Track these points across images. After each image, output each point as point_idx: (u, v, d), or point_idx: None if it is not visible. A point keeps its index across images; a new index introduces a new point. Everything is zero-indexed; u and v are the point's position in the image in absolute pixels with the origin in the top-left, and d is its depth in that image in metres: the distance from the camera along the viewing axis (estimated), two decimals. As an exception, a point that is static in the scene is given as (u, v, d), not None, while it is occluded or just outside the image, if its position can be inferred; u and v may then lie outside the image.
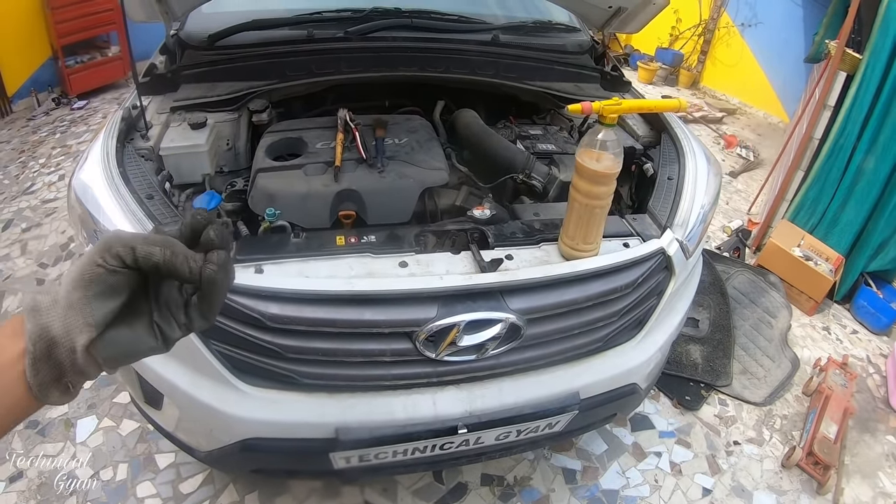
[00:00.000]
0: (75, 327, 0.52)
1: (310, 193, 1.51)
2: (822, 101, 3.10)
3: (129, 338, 0.56)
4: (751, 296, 3.08)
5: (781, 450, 2.34)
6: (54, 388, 0.53)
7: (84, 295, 0.52)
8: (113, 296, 0.54)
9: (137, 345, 0.56)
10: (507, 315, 1.28)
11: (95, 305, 0.52)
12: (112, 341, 0.54)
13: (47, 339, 0.52)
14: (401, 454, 1.42)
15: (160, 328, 0.57)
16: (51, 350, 0.52)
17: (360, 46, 2.04)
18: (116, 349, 0.55)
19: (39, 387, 0.52)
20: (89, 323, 0.52)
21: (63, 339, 0.52)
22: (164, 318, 0.57)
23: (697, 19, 6.07)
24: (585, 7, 2.14)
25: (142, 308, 0.57)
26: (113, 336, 0.54)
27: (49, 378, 0.53)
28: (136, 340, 0.56)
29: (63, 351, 0.52)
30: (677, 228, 1.55)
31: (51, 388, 0.53)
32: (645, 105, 1.43)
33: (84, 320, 0.52)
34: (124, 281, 0.54)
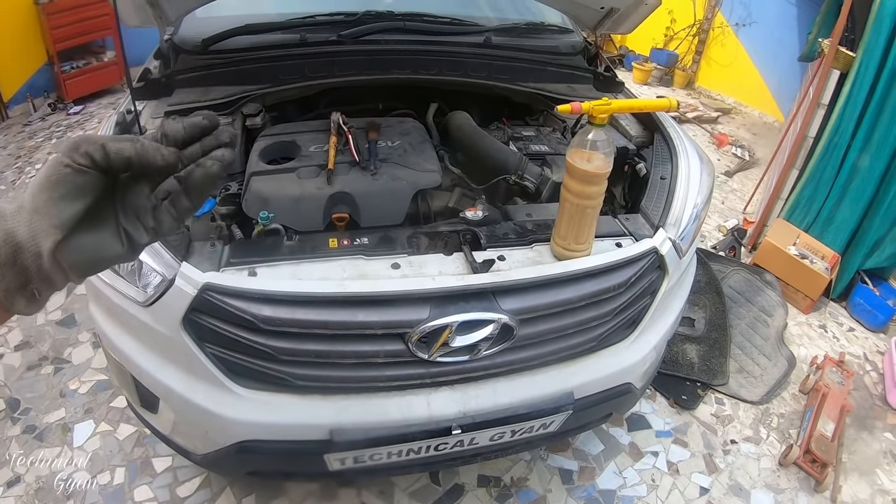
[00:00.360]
0: (41, 231, 0.51)
1: (303, 196, 1.52)
2: (816, 100, 3.12)
3: (94, 242, 0.54)
4: (747, 294, 3.08)
5: (779, 448, 2.35)
6: (20, 295, 0.53)
7: (50, 196, 0.51)
8: (79, 197, 0.52)
9: (103, 250, 0.55)
10: (500, 315, 1.29)
11: (61, 207, 0.51)
12: (78, 246, 0.53)
13: (12, 244, 0.51)
14: (395, 455, 1.43)
15: (127, 233, 0.56)
16: (16, 255, 0.51)
17: (352, 50, 2.05)
18: (82, 254, 0.53)
19: (5, 293, 0.51)
20: (55, 224, 0.51)
21: (28, 243, 0.51)
22: (131, 222, 0.56)
23: (692, 19, 6.09)
24: (577, 8, 2.15)
25: (108, 213, 0.56)
26: (79, 241, 0.53)
27: (15, 284, 0.52)
28: (101, 245, 0.55)
29: (28, 256, 0.51)
30: (670, 228, 1.55)
31: (16, 296, 0.52)
32: (635, 105, 1.44)
33: (49, 223, 0.51)
34: (92, 182, 0.52)
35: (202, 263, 1.28)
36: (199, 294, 1.23)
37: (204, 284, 1.23)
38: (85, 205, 0.52)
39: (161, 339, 1.34)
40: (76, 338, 2.60)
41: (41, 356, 2.50)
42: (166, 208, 0.57)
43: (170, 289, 1.26)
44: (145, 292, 1.30)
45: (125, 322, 1.43)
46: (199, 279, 1.23)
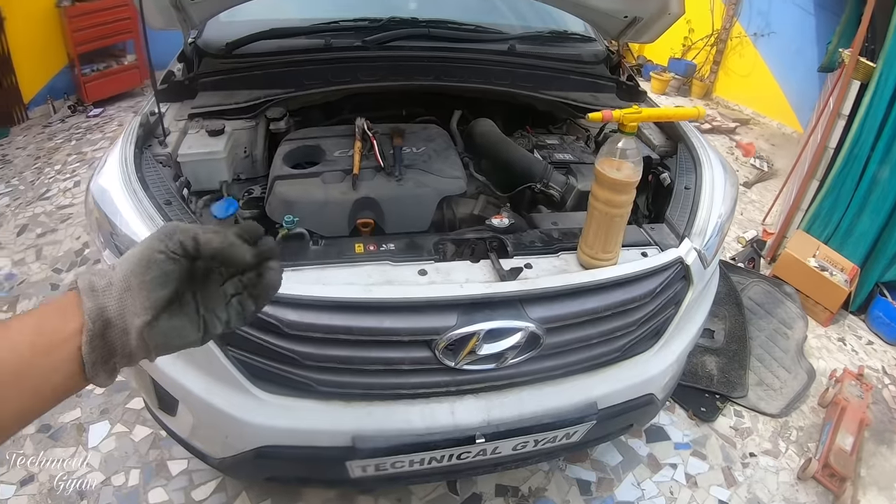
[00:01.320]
0: (130, 310, 0.54)
1: (328, 201, 1.51)
2: (837, 111, 3.09)
3: (177, 327, 0.57)
4: (766, 307, 3.05)
5: (797, 462, 2.31)
6: (102, 368, 0.54)
7: (142, 280, 0.54)
8: (168, 283, 0.55)
9: (184, 335, 0.58)
10: (527, 324, 1.28)
11: (152, 289, 0.54)
12: (163, 328, 0.56)
13: (103, 320, 0.53)
14: (417, 463, 1.42)
15: (205, 322, 0.59)
16: (105, 330, 0.53)
17: (377, 55, 2.05)
18: (165, 337, 0.56)
19: (91, 365, 0.53)
20: (146, 307, 0.54)
21: (117, 320, 0.54)
22: (209, 312, 0.60)
23: (710, 29, 6.06)
24: (601, 17, 2.15)
25: (188, 300, 0.58)
26: (164, 324, 0.56)
27: (101, 357, 0.54)
28: (183, 330, 0.58)
29: (116, 332, 0.54)
30: (695, 238, 1.54)
31: (100, 368, 0.54)
32: (664, 113, 1.43)
33: (141, 304, 0.54)
34: (180, 270, 0.56)
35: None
36: (224, 297, 1.23)
37: (228, 287, 1.22)
38: (172, 291, 0.56)
39: (182, 342, 1.34)
40: (94, 339, 2.60)
41: (58, 356, 2.50)
42: (235, 306, 0.61)
43: (194, 292, 1.26)
44: (169, 294, 1.30)
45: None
46: (223, 282, 1.23)
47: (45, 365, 0.52)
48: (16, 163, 4.25)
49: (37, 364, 0.51)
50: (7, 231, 3.43)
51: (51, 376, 0.52)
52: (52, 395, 0.54)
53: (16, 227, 3.46)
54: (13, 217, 3.57)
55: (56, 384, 0.53)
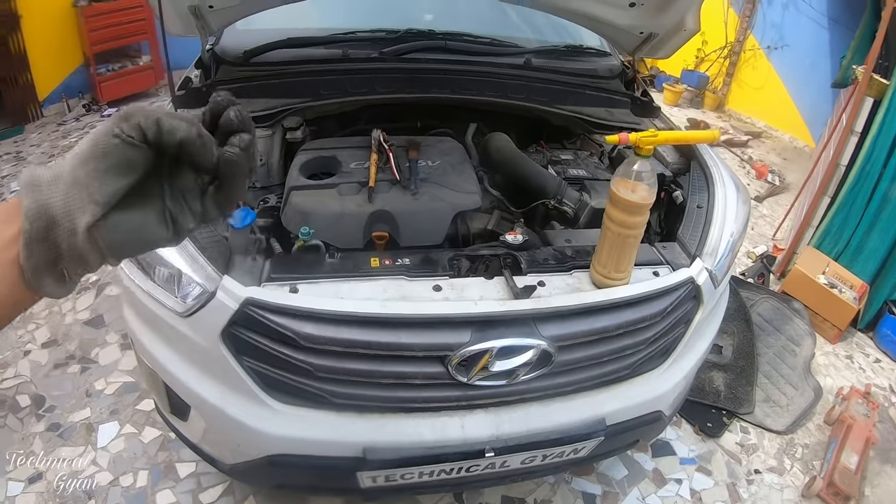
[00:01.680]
0: (78, 205, 0.46)
1: (344, 213, 1.53)
2: (849, 127, 3.08)
3: (137, 223, 0.49)
4: (775, 323, 3.05)
5: (802, 479, 2.31)
6: (48, 273, 0.48)
7: (94, 168, 0.46)
8: (125, 173, 0.47)
9: (146, 232, 0.50)
10: (540, 342, 1.29)
11: (105, 181, 0.46)
12: (118, 225, 0.48)
13: (46, 218, 0.46)
14: (426, 475, 1.43)
15: (172, 216, 0.51)
16: (49, 230, 0.47)
17: (394, 67, 2.07)
18: (123, 234, 0.48)
19: (32, 271, 0.47)
20: (95, 200, 0.46)
21: (63, 217, 0.46)
22: (178, 204, 0.52)
23: (723, 41, 6.05)
24: (617, 32, 2.16)
25: (153, 192, 0.50)
26: (119, 219, 0.48)
27: (43, 261, 0.47)
28: (144, 226, 0.50)
29: (62, 231, 0.47)
30: (707, 257, 1.55)
31: (44, 274, 0.48)
32: (680, 136, 1.43)
33: (90, 197, 0.46)
34: (140, 158, 0.47)
35: (243, 277, 1.29)
36: (241, 308, 1.24)
37: (246, 299, 1.24)
38: (130, 181, 0.47)
39: (197, 350, 1.35)
40: (104, 338, 2.63)
41: (68, 355, 2.53)
42: (212, 195, 0.53)
43: (210, 301, 1.27)
44: (184, 303, 1.32)
45: (160, 330, 1.45)
46: (241, 293, 1.24)
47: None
48: (30, 160, 4.29)
49: None
50: (21, 228, 3.45)
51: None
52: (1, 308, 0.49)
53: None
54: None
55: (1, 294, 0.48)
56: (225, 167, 0.51)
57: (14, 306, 0.50)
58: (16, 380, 2.39)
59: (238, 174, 0.52)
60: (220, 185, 0.52)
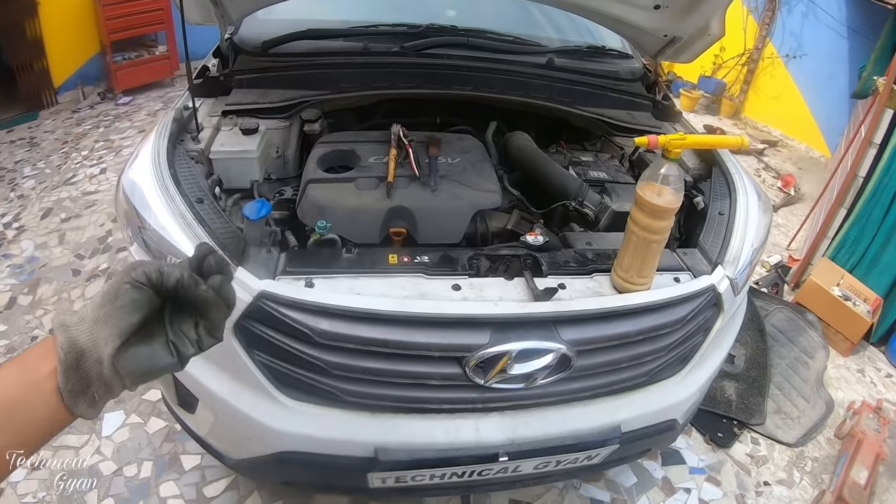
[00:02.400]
0: (101, 339, 0.57)
1: (361, 208, 1.51)
2: (868, 139, 3.05)
3: (148, 353, 0.61)
4: (788, 334, 3.01)
5: (811, 493, 2.28)
6: (82, 398, 0.58)
7: (111, 308, 0.58)
8: (136, 310, 0.59)
9: (156, 360, 0.61)
10: (559, 346, 1.26)
11: (120, 317, 0.58)
12: (134, 356, 0.60)
13: (76, 351, 0.57)
14: (437, 478, 1.41)
15: (175, 346, 0.62)
16: (79, 361, 0.57)
17: (414, 62, 2.04)
18: (137, 364, 0.60)
19: (69, 394, 0.57)
20: (114, 333, 0.58)
21: (90, 350, 0.57)
22: (178, 336, 0.63)
23: (741, 49, 5.99)
24: (640, 35, 2.13)
25: (158, 329, 0.63)
26: (135, 351, 0.60)
27: (78, 387, 0.57)
28: (154, 356, 0.61)
29: (90, 362, 0.57)
30: (728, 265, 1.52)
31: (79, 398, 0.58)
32: (708, 141, 1.41)
33: (109, 332, 0.58)
34: (146, 298, 0.60)
35: (258, 270, 1.27)
36: (255, 301, 1.21)
37: (260, 292, 1.21)
38: (140, 317, 0.60)
39: (208, 343, 1.33)
40: (112, 327, 2.61)
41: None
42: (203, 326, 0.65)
43: (223, 293, 1.25)
44: (195, 293, 1.29)
45: (170, 320, 1.42)
46: (256, 286, 1.22)
47: (32, 399, 0.57)
48: (43, 146, 4.29)
49: (24, 399, 0.56)
50: (31, 214, 3.46)
51: (38, 410, 0.57)
52: (43, 429, 0.58)
53: (40, 210, 3.49)
54: (38, 200, 3.60)
55: (44, 417, 0.57)
56: (203, 305, 0.63)
57: (55, 427, 0.59)
58: (22, 366, 2.38)
59: (214, 308, 0.64)
60: (204, 316, 0.64)
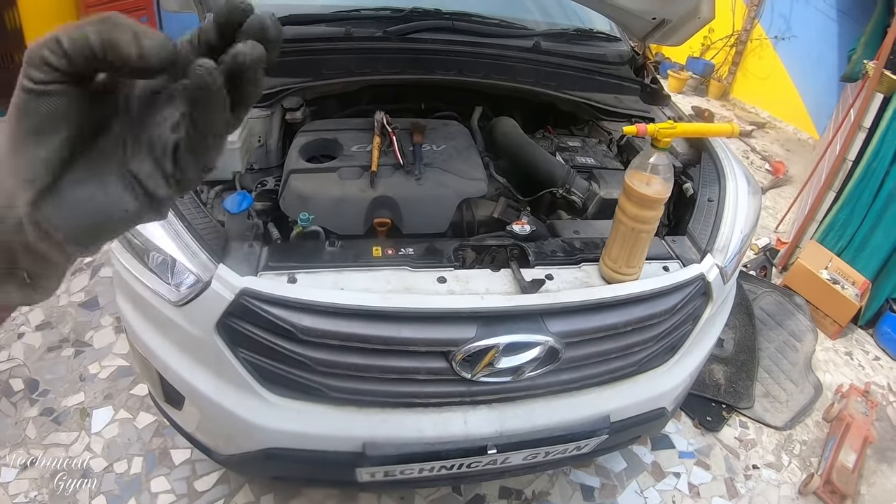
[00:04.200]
0: (11, 191, 0.35)
1: (345, 198, 1.48)
2: (858, 123, 3.04)
3: (88, 195, 0.36)
4: (777, 318, 3.02)
5: (799, 476, 2.30)
6: (9, 280, 0.38)
7: (13, 142, 0.35)
8: (50, 128, 0.35)
9: (105, 205, 0.37)
10: (547, 338, 1.25)
11: (29, 152, 0.35)
12: (64, 202, 0.36)
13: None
14: (426, 471, 1.39)
15: (138, 180, 0.37)
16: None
17: (398, 47, 2.01)
18: (74, 213, 0.36)
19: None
20: (25, 178, 0.35)
21: (5, 212, 0.36)
22: (142, 163, 0.37)
23: (730, 30, 5.96)
24: (628, 17, 2.09)
25: (109, 153, 0.37)
26: (68, 196, 0.36)
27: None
28: (99, 198, 0.36)
29: (8, 228, 0.36)
30: (717, 253, 1.51)
31: (5, 282, 0.38)
32: (699, 129, 1.38)
33: (18, 176, 0.35)
34: (62, 101, 0.34)
35: (240, 266, 1.24)
36: (237, 299, 1.19)
37: (242, 289, 1.19)
38: (61, 137, 0.35)
39: (191, 340, 1.31)
40: (98, 321, 2.58)
41: (62, 338, 2.48)
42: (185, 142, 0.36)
43: (205, 291, 1.22)
44: (178, 291, 1.27)
45: (153, 318, 1.40)
46: (237, 283, 1.19)
47: None
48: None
49: None
50: (13, 206, 3.39)
51: None
52: None
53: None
54: None
55: None
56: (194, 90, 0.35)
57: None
58: (9, 363, 2.34)
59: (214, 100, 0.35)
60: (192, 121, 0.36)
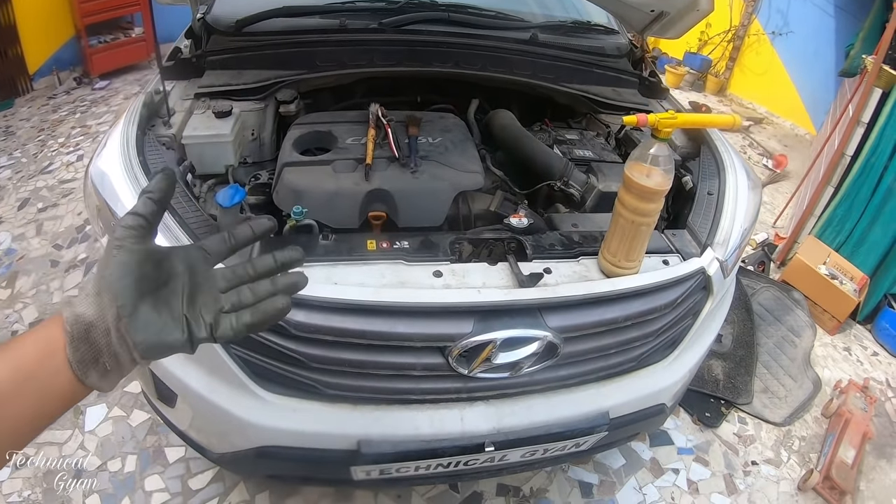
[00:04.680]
0: (104, 307, 0.55)
1: (339, 192, 1.45)
2: (856, 118, 3.03)
3: (156, 322, 0.56)
4: (776, 313, 3.01)
5: (798, 472, 2.29)
6: (93, 368, 0.55)
7: (109, 273, 0.55)
8: (129, 269, 0.55)
9: (164, 332, 0.56)
10: (546, 333, 1.22)
11: (117, 281, 0.55)
12: (143, 325, 0.55)
13: (84, 323, 0.54)
14: (423, 468, 1.37)
15: (188, 322, 0.58)
16: (88, 332, 0.54)
17: (393, 39, 1.98)
18: (145, 334, 0.55)
19: (79, 364, 0.54)
20: (112, 301, 0.54)
21: (98, 321, 0.54)
22: (193, 314, 0.58)
23: (727, 25, 5.96)
24: (627, 10, 2.07)
25: (173, 301, 0.58)
26: (142, 319, 0.55)
27: (88, 357, 0.55)
28: (163, 327, 0.56)
29: (99, 332, 0.54)
30: (717, 247, 1.48)
31: (90, 368, 0.55)
32: (700, 120, 1.36)
33: (109, 299, 0.54)
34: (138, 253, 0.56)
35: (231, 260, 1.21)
36: (229, 294, 1.17)
37: (234, 284, 1.17)
38: (134, 277, 0.56)
39: (183, 336, 1.28)
40: (91, 318, 2.55)
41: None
42: (228, 317, 0.60)
43: (195, 286, 1.20)
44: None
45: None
46: (229, 278, 1.17)
47: (48, 369, 0.54)
48: (19, 135, 4.18)
49: (40, 369, 0.54)
50: (8, 205, 3.37)
51: (53, 380, 0.54)
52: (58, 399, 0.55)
53: (17, 201, 3.40)
54: (14, 191, 3.51)
55: (58, 387, 0.55)
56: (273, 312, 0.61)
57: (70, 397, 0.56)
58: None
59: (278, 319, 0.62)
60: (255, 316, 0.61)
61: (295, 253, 0.67)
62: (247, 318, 0.61)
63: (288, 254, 0.66)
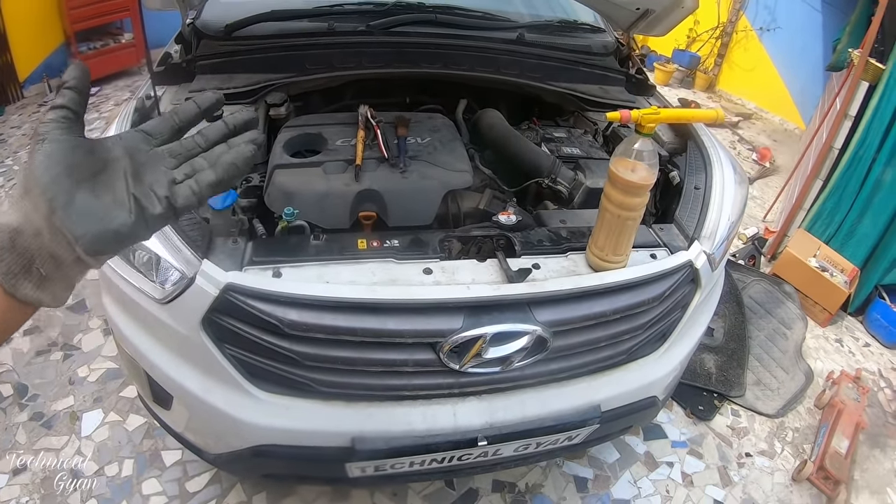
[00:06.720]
0: (30, 208, 0.48)
1: (329, 192, 1.47)
2: (844, 111, 3.05)
3: (96, 208, 0.49)
4: (766, 306, 3.03)
5: (792, 463, 2.31)
6: (24, 278, 0.49)
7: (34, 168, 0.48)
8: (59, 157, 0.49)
9: (107, 219, 0.50)
10: (535, 327, 1.24)
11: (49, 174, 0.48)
12: (81, 214, 0.49)
13: (6, 233, 0.48)
14: (417, 464, 1.39)
15: (136, 200, 0.51)
16: (13, 240, 0.48)
17: (381, 41, 2.00)
18: (86, 223, 0.49)
19: (5, 276, 0.48)
20: (43, 197, 0.48)
21: (23, 224, 0.48)
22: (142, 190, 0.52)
23: (715, 22, 6.00)
24: (612, 8, 2.09)
25: (115, 179, 0.52)
26: (79, 206, 0.49)
27: (15, 267, 0.48)
28: (105, 213, 0.50)
29: (26, 236, 0.48)
30: (705, 240, 1.50)
31: (19, 278, 0.49)
32: (683, 115, 1.38)
33: (36, 198, 0.48)
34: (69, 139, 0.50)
35: (224, 261, 1.23)
36: (221, 294, 1.18)
37: (226, 285, 1.18)
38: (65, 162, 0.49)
39: (177, 338, 1.29)
40: (86, 324, 2.56)
41: (50, 342, 2.46)
42: (186, 183, 0.54)
43: (189, 287, 1.20)
44: (163, 289, 1.25)
45: (139, 317, 1.38)
46: (222, 279, 1.18)
47: None
48: (10, 142, 4.16)
49: None
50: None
51: None
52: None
53: (8, 209, 3.40)
54: (6, 199, 3.51)
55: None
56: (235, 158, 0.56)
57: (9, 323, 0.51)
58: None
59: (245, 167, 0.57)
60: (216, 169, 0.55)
61: (248, 113, 0.61)
62: (210, 177, 0.55)
63: (241, 115, 0.60)
